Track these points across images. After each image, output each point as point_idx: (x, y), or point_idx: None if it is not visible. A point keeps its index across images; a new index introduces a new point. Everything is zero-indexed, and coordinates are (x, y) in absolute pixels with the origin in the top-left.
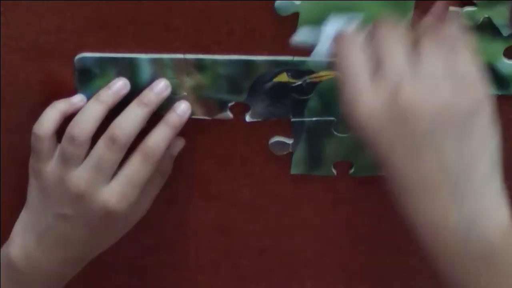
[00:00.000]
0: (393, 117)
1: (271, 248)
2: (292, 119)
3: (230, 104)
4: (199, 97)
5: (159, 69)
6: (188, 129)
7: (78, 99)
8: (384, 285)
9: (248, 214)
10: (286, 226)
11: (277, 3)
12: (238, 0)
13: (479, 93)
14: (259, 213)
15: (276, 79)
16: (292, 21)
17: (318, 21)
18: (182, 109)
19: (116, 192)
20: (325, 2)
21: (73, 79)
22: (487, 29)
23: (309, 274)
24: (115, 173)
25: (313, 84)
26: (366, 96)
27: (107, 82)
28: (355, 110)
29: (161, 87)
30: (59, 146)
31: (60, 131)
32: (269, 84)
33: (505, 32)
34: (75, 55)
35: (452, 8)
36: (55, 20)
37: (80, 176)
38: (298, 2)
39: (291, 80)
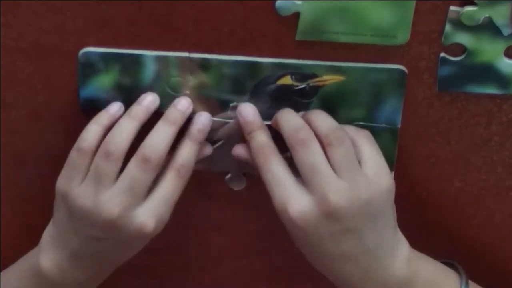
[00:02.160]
0: (324, 216)
1: (271, 248)
2: None
3: (231, 104)
4: (201, 96)
5: (163, 67)
6: None
7: (115, 108)
8: None
9: (248, 214)
10: None
11: (278, 3)
12: (239, 0)
13: (387, 181)
14: (259, 213)
15: (279, 82)
16: (293, 21)
17: (318, 21)
18: (202, 122)
19: (153, 215)
20: (326, 2)
21: (73, 79)
22: (487, 28)
23: (310, 274)
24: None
25: (316, 88)
26: (297, 201)
27: (110, 78)
28: (287, 214)
29: (184, 104)
30: (92, 165)
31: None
32: (272, 86)
33: (505, 31)
34: (76, 55)
35: (452, 8)
36: (55, 20)
37: (112, 200)
38: (299, 2)
39: (295, 83)
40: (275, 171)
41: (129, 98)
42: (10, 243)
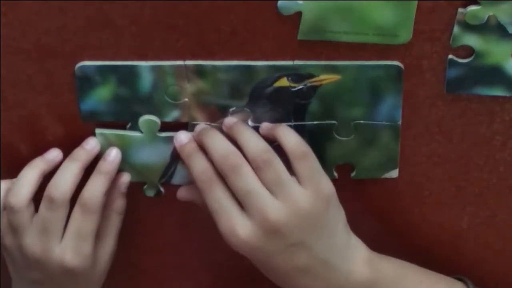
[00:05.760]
0: (268, 236)
1: None
2: (293, 123)
3: (231, 110)
4: (200, 103)
5: (160, 76)
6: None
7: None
8: None
9: None
10: None
11: (280, 3)
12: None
13: (325, 189)
14: None
15: (276, 84)
16: (295, 21)
17: (320, 20)
18: (113, 155)
19: (68, 249)
20: (328, 2)
21: (74, 79)
22: (493, 28)
23: None
24: None
25: (314, 88)
26: (241, 227)
27: (108, 90)
28: (233, 239)
29: (91, 144)
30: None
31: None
32: (269, 89)
33: (511, 29)
34: (77, 55)
35: (460, 10)
36: (56, 21)
37: (32, 243)
38: (301, 2)
39: (292, 85)
40: (219, 199)
41: (129, 110)
42: None
